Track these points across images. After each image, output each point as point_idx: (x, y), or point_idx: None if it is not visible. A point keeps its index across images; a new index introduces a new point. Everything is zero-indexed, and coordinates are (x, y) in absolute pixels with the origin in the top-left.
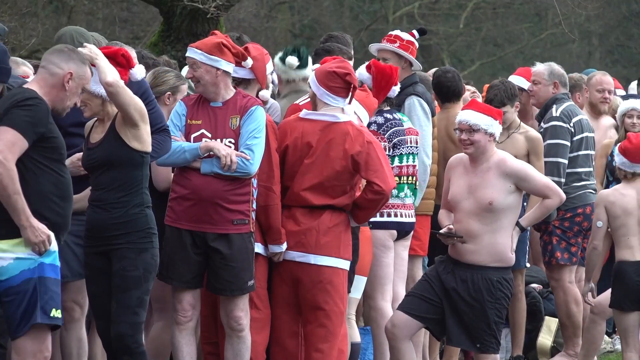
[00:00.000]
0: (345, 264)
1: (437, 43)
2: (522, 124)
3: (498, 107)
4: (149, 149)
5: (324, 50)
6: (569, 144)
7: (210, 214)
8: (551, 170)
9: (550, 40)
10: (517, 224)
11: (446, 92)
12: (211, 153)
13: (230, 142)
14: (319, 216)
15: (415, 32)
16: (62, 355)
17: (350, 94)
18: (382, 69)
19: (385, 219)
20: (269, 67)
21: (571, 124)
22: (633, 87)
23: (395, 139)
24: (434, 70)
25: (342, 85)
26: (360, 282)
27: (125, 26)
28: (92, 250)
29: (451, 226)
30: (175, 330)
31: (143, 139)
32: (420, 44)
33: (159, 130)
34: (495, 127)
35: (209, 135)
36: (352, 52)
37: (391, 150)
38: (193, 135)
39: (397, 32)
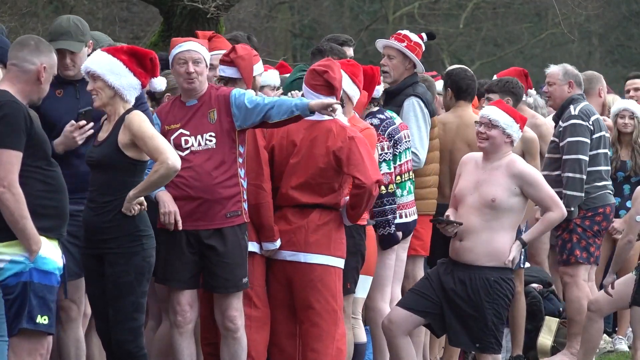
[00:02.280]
0: (337, 262)
1: (437, 43)
2: None
3: (486, 92)
4: (145, 158)
5: (318, 51)
6: (589, 141)
7: (202, 211)
8: (572, 167)
9: (550, 40)
10: (520, 239)
11: (465, 89)
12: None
13: (210, 136)
14: (308, 215)
15: (424, 35)
16: (60, 355)
17: (333, 92)
18: (364, 70)
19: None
20: (259, 68)
21: (590, 122)
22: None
23: (395, 137)
24: (453, 67)
25: (322, 83)
26: (366, 281)
27: (125, 26)
28: (87, 252)
29: (448, 213)
30: (175, 334)
31: (143, 151)
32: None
33: None
34: (514, 129)
35: (187, 133)
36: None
37: (392, 148)
38: (172, 137)
39: (406, 32)
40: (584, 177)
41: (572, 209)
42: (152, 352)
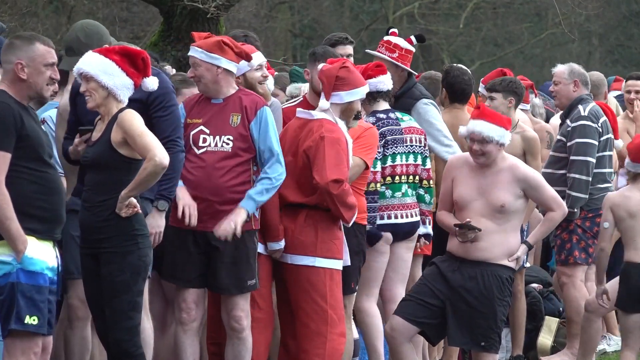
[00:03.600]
0: (326, 263)
1: (437, 43)
2: (520, 122)
3: (489, 91)
4: (139, 157)
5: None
6: (597, 143)
7: (211, 212)
8: (580, 168)
9: (550, 40)
10: (526, 242)
11: (461, 94)
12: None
13: (228, 139)
14: (296, 215)
15: (413, 38)
16: (65, 353)
17: (324, 90)
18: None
19: (377, 222)
20: (257, 59)
21: (599, 124)
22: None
23: (388, 138)
24: (451, 66)
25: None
26: None
27: (125, 26)
28: (84, 251)
29: (469, 219)
30: (179, 331)
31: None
32: (420, 44)
33: (163, 142)
34: (507, 137)
35: (207, 131)
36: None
37: (381, 148)
38: (192, 132)
39: (395, 39)
40: (590, 179)
41: (575, 210)
42: (159, 351)
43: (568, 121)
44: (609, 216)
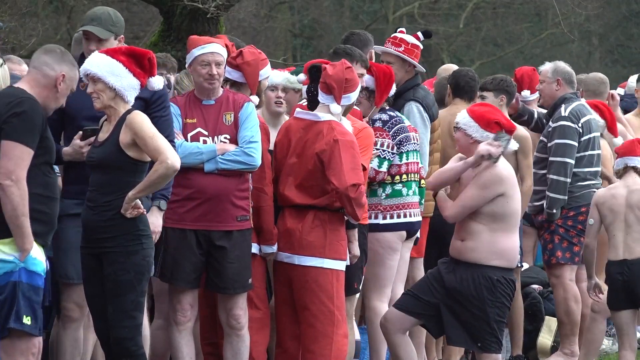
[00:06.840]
0: (333, 264)
1: (437, 43)
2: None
3: (480, 90)
4: (146, 159)
5: (345, 53)
6: (576, 144)
7: (216, 212)
8: (558, 169)
9: (550, 40)
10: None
11: (463, 87)
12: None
13: (225, 137)
14: (303, 216)
15: (420, 34)
16: (56, 353)
17: (330, 90)
18: (383, 70)
19: (395, 220)
20: (265, 71)
21: (579, 124)
22: (632, 82)
23: (401, 135)
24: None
25: (321, 81)
26: None
27: (125, 26)
28: (86, 251)
29: None
30: (174, 331)
31: (144, 151)
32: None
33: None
34: (474, 130)
35: (205, 133)
36: (372, 51)
37: (396, 147)
38: (190, 134)
39: (401, 35)
40: (568, 180)
41: (554, 211)
42: (166, 349)
43: (550, 122)
44: (595, 213)
